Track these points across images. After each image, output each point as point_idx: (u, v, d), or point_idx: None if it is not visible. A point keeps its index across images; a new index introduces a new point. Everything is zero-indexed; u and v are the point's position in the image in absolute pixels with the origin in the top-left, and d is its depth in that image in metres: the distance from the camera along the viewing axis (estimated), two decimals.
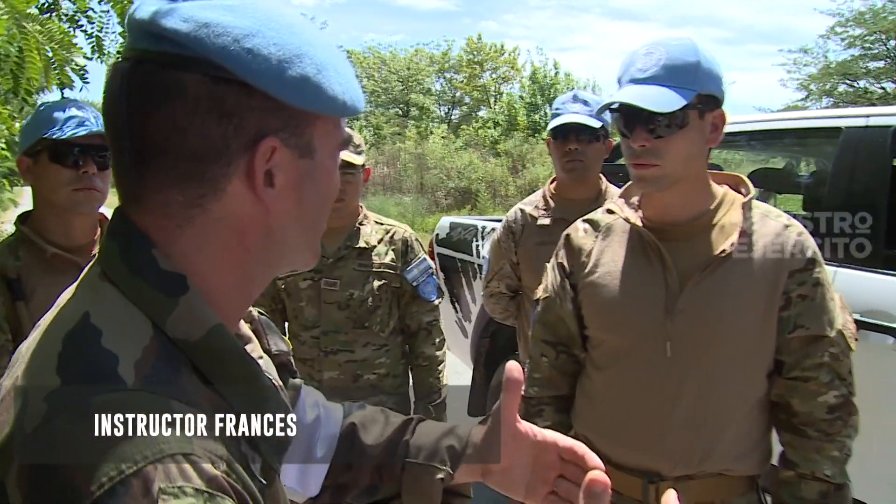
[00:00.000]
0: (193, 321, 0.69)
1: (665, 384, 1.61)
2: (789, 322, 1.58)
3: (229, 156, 0.68)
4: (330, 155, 0.77)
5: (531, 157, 22.96)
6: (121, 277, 0.69)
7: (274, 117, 0.69)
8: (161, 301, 0.68)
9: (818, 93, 25.10)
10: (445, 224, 4.83)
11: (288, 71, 0.68)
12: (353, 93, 0.75)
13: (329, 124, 0.75)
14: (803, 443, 1.60)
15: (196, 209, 0.70)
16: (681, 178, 1.57)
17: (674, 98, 1.48)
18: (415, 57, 35.32)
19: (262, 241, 0.74)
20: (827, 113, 3.36)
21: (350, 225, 2.56)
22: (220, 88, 0.67)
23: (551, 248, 2.52)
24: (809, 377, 1.58)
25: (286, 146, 0.71)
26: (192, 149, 0.67)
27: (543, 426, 1.79)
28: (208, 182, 0.69)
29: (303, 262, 0.82)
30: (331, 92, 0.71)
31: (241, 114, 0.67)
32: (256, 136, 0.69)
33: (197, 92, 0.66)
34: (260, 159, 0.69)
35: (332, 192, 0.79)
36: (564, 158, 2.58)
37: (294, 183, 0.73)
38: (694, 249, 1.61)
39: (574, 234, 1.80)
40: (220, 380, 0.70)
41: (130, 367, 0.63)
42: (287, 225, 0.75)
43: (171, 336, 0.68)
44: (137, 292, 0.69)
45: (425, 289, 2.58)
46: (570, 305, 1.77)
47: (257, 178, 0.70)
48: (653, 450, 1.63)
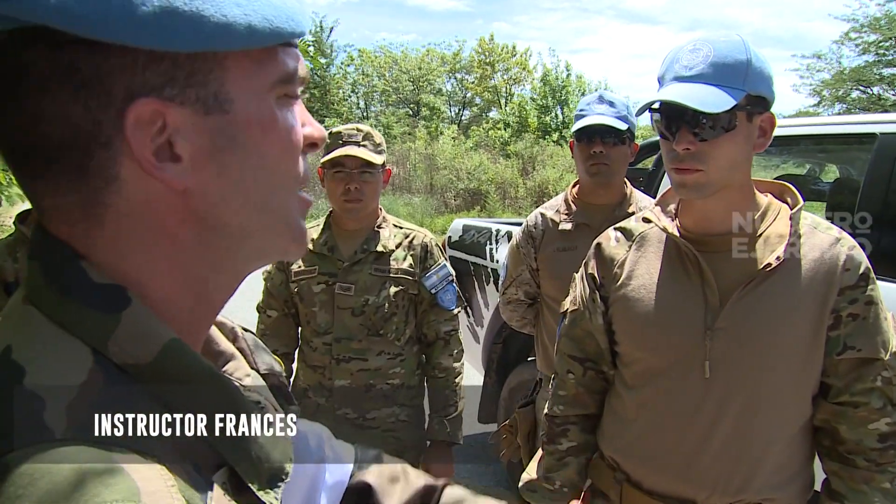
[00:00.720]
0: (141, 340, 0.56)
1: (702, 407, 1.50)
2: (838, 342, 1.47)
3: (105, 134, 0.54)
4: (259, 101, 0.59)
5: (541, 159, 22.83)
6: (47, 300, 0.56)
7: (148, 72, 0.54)
8: (99, 321, 0.55)
9: (831, 99, 25.03)
10: (458, 226, 4.74)
11: (140, 7, 0.51)
12: (265, 11, 0.56)
13: (247, 61, 0.58)
14: (851, 473, 1.49)
15: (98, 207, 0.56)
16: (724, 186, 1.46)
17: (723, 98, 1.37)
18: (426, 57, 35.33)
19: (195, 233, 0.59)
20: (858, 119, 3.24)
21: (368, 227, 2.46)
22: (64, 56, 0.52)
23: (572, 254, 2.43)
24: (859, 402, 1.47)
25: (181, 104, 0.55)
26: (60, 137, 0.54)
27: (569, 446, 1.72)
28: (95, 172, 0.55)
29: (278, 248, 0.66)
30: (220, 19, 0.54)
31: (100, 79, 0.53)
32: (126, 102, 0.53)
33: (41, 68, 0.52)
34: (136, 129, 0.54)
35: (284, 148, 0.62)
36: (589, 161, 2.47)
37: (208, 149, 0.57)
38: (736, 263, 1.50)
39: (605, 244, 1.69)
40: (188, 409, 0.57)
41: (61, 413, 0.50)
42: (220, 204, 0.59)
43: (118, 363, 0.55)
44: (69, 315, 0.56)
45: (444, 297, 2.47)
46: (600, 320, 1.66)
47: (138, 153, 0.54)
48: (688, 476, 1.52)
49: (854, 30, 23.18)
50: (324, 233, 2.47)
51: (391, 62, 35.10)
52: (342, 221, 2.46)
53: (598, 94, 2.56)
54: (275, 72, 0.60)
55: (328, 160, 2.35)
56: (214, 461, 0.58)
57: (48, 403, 0.50)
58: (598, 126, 2.44)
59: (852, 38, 23.36)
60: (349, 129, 2.38)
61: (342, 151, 2.31)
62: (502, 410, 4.13)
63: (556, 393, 1.77)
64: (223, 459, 0.59)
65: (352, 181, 2.33)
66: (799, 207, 1.51)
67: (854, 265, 1.47)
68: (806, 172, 4.57)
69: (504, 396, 4.15)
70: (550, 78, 29.94)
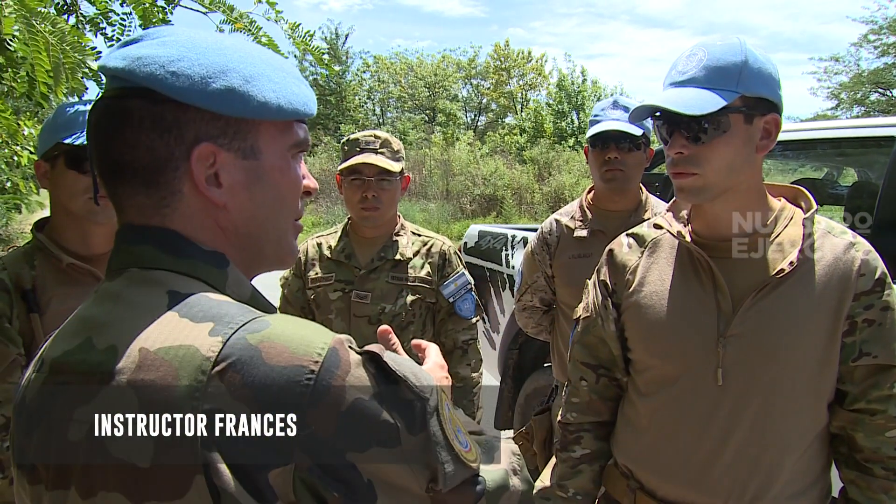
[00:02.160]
0: (241, 286, 0.86)
1: (716, 414, 1.49)
2: (854, 349, 1.46)
3: (175, 162, 0.81)
4: (279, 155, 0.87)
5: (557, 165, 22.79)
6: (173, 263, 0.82)
7: (210, 125, 0.81)
8: (217, 273, 0.84)
9: (849, 101, 24.85)
10: (474, 232, 4.73)
11: (211, 85, 0.80)
12: (290, 98, 0.86)
13: (274, 129, 0.86)
14: (869, 481, 1.47)
15: (166, 209, 0.83)
16: (726, 189, 1.45)
17: (709, 100, 1.37)
18: (442, 63, 35.31)
19: (234, 236, 0.87)
20: (876, 121, 3.21)
21: (386, 235, 2.45)
22: (158, 108, 0.80)
23: (588, 261, 2.42)
24: (876, 410, 1.45)
25: (227, 150, 0.83)
26: (145, 161, 0.81)
27: (582, 454, 1.71)
28: (164, 186, 0.82)
29: (279, 258, 0.93)
30: (261, 98, 0.83)
31: (178, 126, 0.80)
32: (194, 143, 0.81)
33: (140, 114, 0.80)
34: (197, 162, 0.81)
35: (291, 189, 0.90)
36: (604, 167, 2.46)
37: (242, 182, 0.85)
38: (748, 268, 1.49)
39: (617, 250, 1.68)
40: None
41: (248, 310, 0.78)
42: (250, 219, 0.87)
43: (233, 298, 0.83)
44: (193, 269, 0.82)
45: (462, 305, 2.45)
46: (612, 326, 1.65)
47: (197, 178, 0.82)
48: (701, 485, 1.51)
49: (873, 32, 23.01)
50: (341, 240, 2.47)
51: (407, 68, 35.13)
52: (360, 229, 2.45)
53: (612, 99, 2.54)
54: (291, 138, 0.89)
55: (346, 167, 2.34)
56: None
57: (233, 304, 0.80)
58: (612, 132, 2.43)
59: (871, 40, 23.19)
60: (367, 135, 2.37)
61: (359, 159, 2.30)
62: (518, 416, 4.12)
63: (570, 400, 1.76)
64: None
65: (369, 189, 2.33)
66: (813, 211, 1.50)
67: (869, 270, 1.45)
68: (823, 176, 4.53)
69: (520, 402, 4.14)
70: (566, 83, 29.86)
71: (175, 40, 0.82)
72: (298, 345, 0.73)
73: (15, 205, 6.94)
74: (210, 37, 0.85)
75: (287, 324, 0.76)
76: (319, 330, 0.77)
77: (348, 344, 0.77)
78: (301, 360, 0.71)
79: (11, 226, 12.89)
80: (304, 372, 0.71)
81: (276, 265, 0.93)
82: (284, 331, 0.74)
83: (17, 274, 1.78)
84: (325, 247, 2.48)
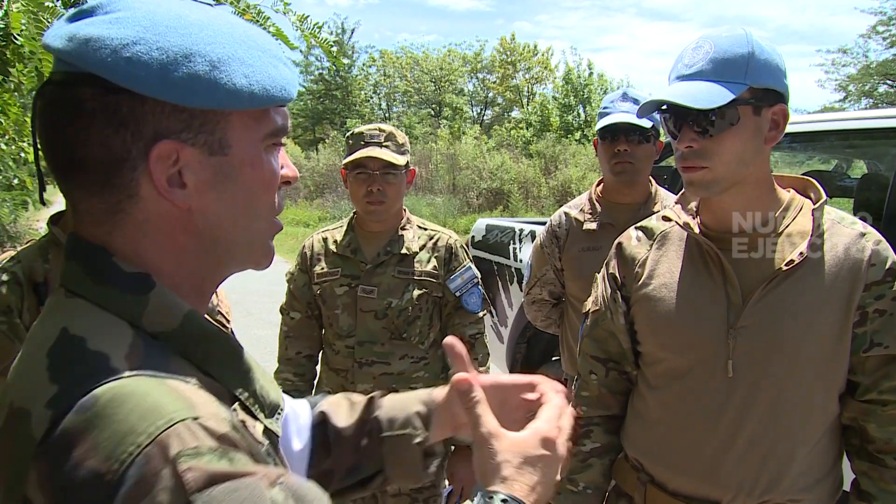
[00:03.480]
0: (167, 312, 0.75)
1: (726, 407, 1.48)
2: (865, 339, 1.45)
3: (133, 161, 0.71)
4: (252, 148, 0.77)
5: (564, 158, 22.72)
6: (89, 290, 0.74)
7: (171, 119, 0.72)
8: (133, 301, 0.73)
9: (857, 94, 24.72)
10: (481, 226, 4.73)
11: (173, 73, 0.70)
12: (266, 82, 0.75)
13: (247, 117, 0.76)
14: (881, 472, 1.47)
15: (119, 214, 0.74)
16: (736, 182, 1.44)
17: (719, 93, 1.36)
18: (447, 57, 35.34)
19: (196, 242, 0.77)
20: (886, 112, 3.18)
21: (391, 229, 2.44)
22: (111, 99, 0.70)
23: (597, 254, 2.42)
24: (888, 400, 1.44)
25: (192, 146, 0.73)
26: (98, 159, 0.71)
27: (592, 447, 1.71)
28: (120, 188, 0.72)
29: (252, 260, 0.84)
30: (230, 86, 0.72)
31: (135, 120, 0.70)
32: (153, 140, 0.71)
33: (92, 106, 0.70)
34: (157, 162, 0.72)
35: (265, 186, 0.80)
36: (613, 160, 2.45)
37: (209, 181, 0.75)
38: (758, 260, 1.48)
39: (626, 243, 1.68)
40: (206, 361, 0.76)
41: (122, 360, 0.68)
42: (216, 223, 0.77)
43: (150, 332, 0.73)
44: (108, 299, 0.73)
45: (469, 299, 2.44)
46: (621, 319, 1.65)
47: (156, 179, 0.72)
48: (712, 478, 1.50)
49: (882, 23, 22.86)
50: (347, 234, 2.46)
51: (412, 63, 35.16)
52: (365, 223, 2.44)
53: (621, 91, 2.53)
54: (267, 126, 0.78)
55: (350, 161, 2.33)
56: (230, 396, 0.77)
57: (111, 356, 0.68)
58: (622, 124, 2.42)
59: (879, 31, 23.05)
60: (371, 129, 2.36)
61: (364, 153, 2.30)
62: None
63: (580, 394, 1.76)
64: (235, 397, 0.78)
65: (374, 182, 2.32)
66: (822, 202, 1.49)
67: (880, 260, 1.44)
68: (833, 169, 4.50)
69: None
70: (572, 76, 29.79)
71: (130, 17, 0.70)
72: (108, 442, 0.61)
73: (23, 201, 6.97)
74: (173, 9, 0.73)
75: (123, 403, 0.63)
76: (155, 412, 0.63)
77: (185, 459, 0.61)
78: (102, 465, 0.60)
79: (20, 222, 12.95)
80: (103, 485, 0.60)
81: (249, 267, 0.85)
82: (115, 414, 0.62)
83: (31, 267, 1.80)
84: (331, 241, 2.47)
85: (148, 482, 0.59)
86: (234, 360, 0.79)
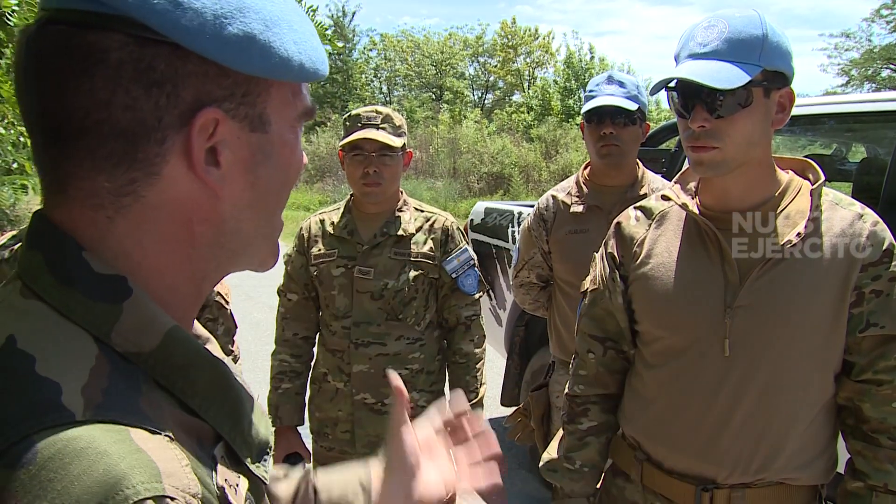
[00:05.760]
0: (144, 329, 0.59)
1: (722, 385, 1.49)
2: (861, 320, 1.45)
3: (163, 132, 0.58)
4: (289, 128, 0.67)
5: (565, 143, 22.67)
6: (48, 290, 0.58)
7: (215, 84, 0.59)
8: (101, 311, 0.58)
9: (860, 78, 24.64)
10: (480, 209, 4.72)
11: (227, 28, 0.57)
12: (311, 53, 0.64)
13: (286, 91, 0.65)
14: (875, 452, 1.47)
15: (128, 197, 0.59)
16: (743, 163, 1.44)
17: (737, 74, 1.35)
18: (448, 41, 35.15)
19: (213, 233, 0.64)
20: (885, 96, 3.17)
21: (388, 211, 2.44)
22: (147, 51, 0.56)
23: (584, 236, 2.42)
24: (883, 380, 1.45)
25: (233, 118, 0.61)
26: (118, 125, 0.57)
27: (589, 426, 1.72)
28: (140, 164, 0.58)
29: (258, 261, 0.71)
30: (283, 53, 0.61)
31: (174, 81, 0.57)
32: (194, 107, 0.58)
33: (119, 56, 0.55)
34: (198, 134, 0.59)
35: (294, 172, 0.69)
36: (599, 143, 2.45)
37: (245, 162, 0.63)
38: (756, 239, 1.48)
39: (625, 223, 1.68)
40: (188, 392, 0.61)
41: (77, 395, 0.53)
42: (241, 212, 0.65)
43: (120, 351, 0.58)
44: (71, 305, 0.58)
45: (465, 281, 2.44)
46: (619, 299, 1.65)
47: (195, 156, 0.60)
48: (707, 455, 1.51)
49: (886, 6, 22.76)
50: (344, 216, 2.46)
51: (413, 46, 34.99)
52: (362, 205, 2.45)
53: (607, 74, 2.52)
54: (302, 104, 0.68)
55: (347, 143, 2.33)
56: (213, 435, 0.63)
57: (64, 388, 0.53)
58: (607, 107, 2.41)
59: (883, 14, 22.95)
60: (368, 111, 2.36)
61: (361, 134, 2.30)
62: (525, 393, 4.13)
63: (577, 373, 1.76)
64: (219, 436, 0.64)
65: (370, 164, 2.32)
66: (820, 183, 1.49)
67: (877, 241, 1.45)
68: (832, 152, 4.49)
69: (527, 379, 4.16)
70: (574, 61, 29.66)
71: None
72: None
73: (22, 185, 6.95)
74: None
75: (69, 464, 0.49)
76: (108, 483, 0.49)
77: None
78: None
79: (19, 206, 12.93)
80: None
81: (253, 266, 0.72)
82: (56, 478, 0.48)
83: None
84: (328, 223, 2.47)
85: None
86: (222, 393, 0.65)
